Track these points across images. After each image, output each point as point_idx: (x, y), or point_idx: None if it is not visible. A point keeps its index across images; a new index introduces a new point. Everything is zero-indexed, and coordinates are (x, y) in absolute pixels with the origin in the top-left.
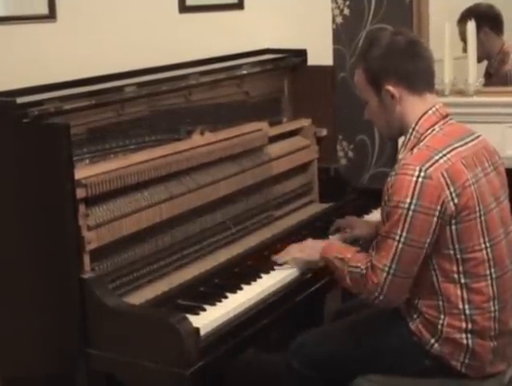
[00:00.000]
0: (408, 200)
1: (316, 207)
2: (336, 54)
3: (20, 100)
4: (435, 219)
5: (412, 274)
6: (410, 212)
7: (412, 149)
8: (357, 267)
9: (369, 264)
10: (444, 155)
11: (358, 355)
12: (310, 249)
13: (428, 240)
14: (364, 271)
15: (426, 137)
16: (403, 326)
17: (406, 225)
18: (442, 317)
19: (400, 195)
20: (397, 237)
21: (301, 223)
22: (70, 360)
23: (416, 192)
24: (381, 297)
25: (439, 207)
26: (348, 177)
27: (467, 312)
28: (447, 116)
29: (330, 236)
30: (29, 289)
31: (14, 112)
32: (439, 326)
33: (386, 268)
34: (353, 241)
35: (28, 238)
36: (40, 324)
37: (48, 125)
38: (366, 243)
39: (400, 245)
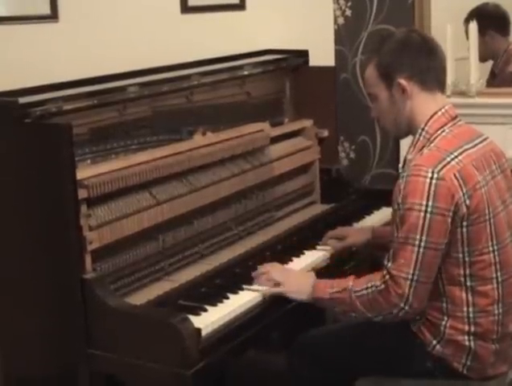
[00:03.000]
0: (424, 202)
1: (318, 208)
2: (338, 55)
3: (22, 100)
4: (450, 219)
5: (433, 278)
6: (428, 215)
7: (421, 149)
8: (369, 287)
9: (387, 277)
10: (456, 157)
11: (360, 356)
12: (296, 287)
13: (446, 241)
14: (382, 286)
15: (436, 138)
16: (405, 327)
17: (425, 228)
18: (445, 319)
19: (414, 197)
20: (416, 242)
21: (302, 223)
22: (71, 360)
23: (431, 194)
24: (406, 308)
25: (452, 208)
26: (350, 178)
27: (471, 315)
28: (456, 117)
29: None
30: (30, 290)
31: (16, 112)
32: (442, 328)
33: (410, 276)
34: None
35: (30, 238)
36: (42, 324)
37: (50, 125)
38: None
39: (421, 250)
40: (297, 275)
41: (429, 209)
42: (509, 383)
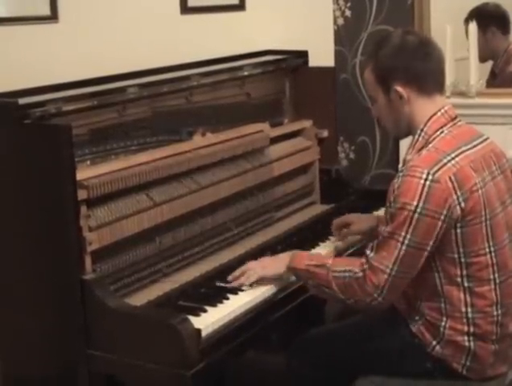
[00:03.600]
0: (415, 203)
1: (317, 209)
2: (338, 55)
3: (22, 100)
4: (440, 222)
5: (412, 276)
6: (416, 215)
7: (420, 150)
8: (346, 271)
9: (366, 266)
10: (453, 158)
11: (359, 356)
12: (273, 264)
13: (431, 243)
14: (359, 273)
15: (434, 139)
16: (404, 327)
17: (411, 227)
18: (444, 319)
19: (407, 197)
20: (400, 239)
21: (302, 224)
22: (71, 361)
23: (423, 195)
24: (379, 299)
25: (445, 211)
26: (350, 178)
27: (469, 315)
28: (455, 118)
29: (331, 238)
30: (30, 290)
31: (16, 113)
32: (441, 329)
33: (388, 270)
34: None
35: (29, 239)
36: (41, 325)
37: (50, 126)
38: (370, 238)
39: (404, 247)
40: (272, 257)
41: (418, 210)
42: (508, 384)
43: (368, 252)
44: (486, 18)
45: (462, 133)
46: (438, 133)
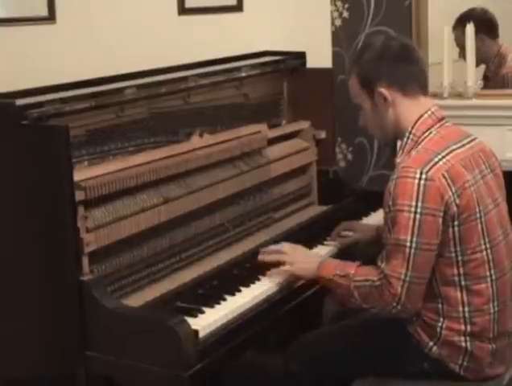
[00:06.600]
0: (413, 203)
1: (315, 210)
2: (336, 56)
3: (19, 101)
4: (441, 219)
5: (426, 279)
6: (418, 216)
7: (410, 152)
8: (366, 280)
9: (382, 275)
10: (443, 157)
11: (357, 358)
12: (303, 265)
13: (437, 242)
14: (378, 283)
15: (423, 140)
16: (402, 328)
17: (416, 229)
18: (441, 320)
19: (404, 198)
20: (407, 243)
21: (300, 225)
22: (69, 362)
23: (420, 195)
24: (398, 307)
25: (443, 208)
26: (347, 179)
27: (466, 315)
28: (443, 118)
29: (326, 243)
30: (28, 291)
31: (13, 114)
32: (438, 329)
33: (402, 277)
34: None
35: (27, 240)
36: (39, 326)
37: (47, 127)
38: (365, 246)
39: (412, 251)
40: (304, 252)
41: (418, 210)
42: (506, 385)
43: (379, 263)
44: (475, 23)
45: (450, 133)
46: (426, 134)
